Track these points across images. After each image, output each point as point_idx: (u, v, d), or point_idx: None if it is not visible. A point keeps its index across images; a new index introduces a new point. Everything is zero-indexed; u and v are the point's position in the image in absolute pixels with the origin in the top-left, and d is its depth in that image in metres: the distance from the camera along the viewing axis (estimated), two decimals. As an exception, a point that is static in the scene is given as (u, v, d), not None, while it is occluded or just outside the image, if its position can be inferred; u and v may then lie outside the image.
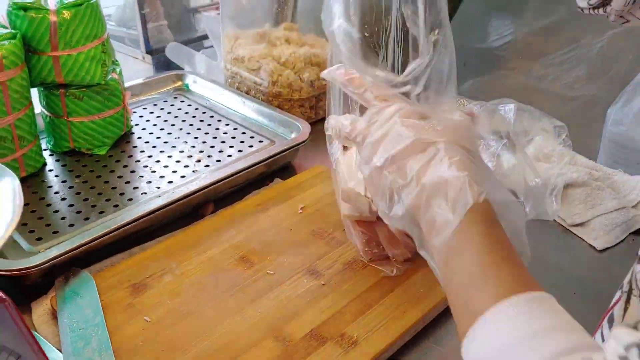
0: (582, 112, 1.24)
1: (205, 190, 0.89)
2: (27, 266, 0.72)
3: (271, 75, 1.12)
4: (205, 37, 1.46)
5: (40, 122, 0.98)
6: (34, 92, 0.93)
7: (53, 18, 0.86)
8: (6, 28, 0.88)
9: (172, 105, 1.16)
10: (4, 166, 0.55)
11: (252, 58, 1.15)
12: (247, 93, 1.17)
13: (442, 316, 0.73)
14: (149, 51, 1.43)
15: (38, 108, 0.96)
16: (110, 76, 0.96)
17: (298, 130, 1.03)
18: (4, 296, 0.54)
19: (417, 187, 0.53)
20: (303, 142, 1.00)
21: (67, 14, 0.87)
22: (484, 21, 1.60)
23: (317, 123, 1.11)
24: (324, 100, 1.18)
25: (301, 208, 0.88)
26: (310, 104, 1.17)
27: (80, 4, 0.88)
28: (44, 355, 0.55)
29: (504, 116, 0.94)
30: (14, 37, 0.84)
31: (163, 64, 1.40)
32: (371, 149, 0.58)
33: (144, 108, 1.14)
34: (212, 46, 1.33)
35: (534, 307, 0.41)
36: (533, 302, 0.42)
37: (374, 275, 0.76)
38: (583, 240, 0.87)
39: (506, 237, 0.49)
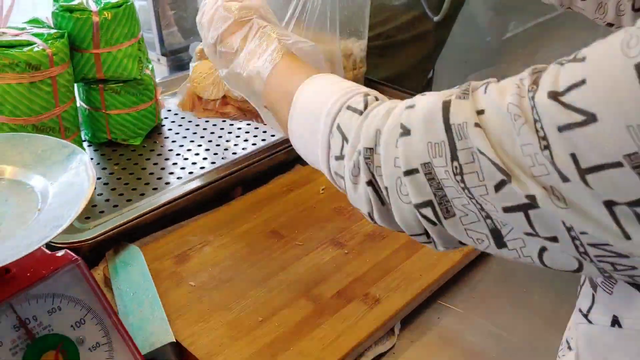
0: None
1: (234, 174, 0.97)
2: (81, 239, 0.80)
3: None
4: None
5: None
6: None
7: (96, 19, 0.95)
8: (51, 28, 0.97)
9: (196, 100, 1.25)
10: (74, 145, 0.63)
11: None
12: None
13: (452, 282, 0.82)
14: (164, 53, 1.51)
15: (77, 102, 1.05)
16: (144, 72, 1.04)
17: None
18: (75, 256, 0.63)
19: (241, 54, 0.66)
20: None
21: (108, 15, 0.95)
22: (486, 19, 1.69)
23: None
24: (337, 95, 1.26)
25: (322, 189, 0.97)
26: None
27: (120, 5, 0.97)
28: (110, 306, 0.63)
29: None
30: (62, 36, 0.93)
31: (176, 65, 1.49)
32: (205, 30, 0.69)
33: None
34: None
35: (333, 76, 0.59)
36: (334, 76, 0.59)
37: (391, 245, 0.84)
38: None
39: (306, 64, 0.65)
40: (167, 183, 0.97)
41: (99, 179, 0.98)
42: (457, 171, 0.41)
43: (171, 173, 1.00)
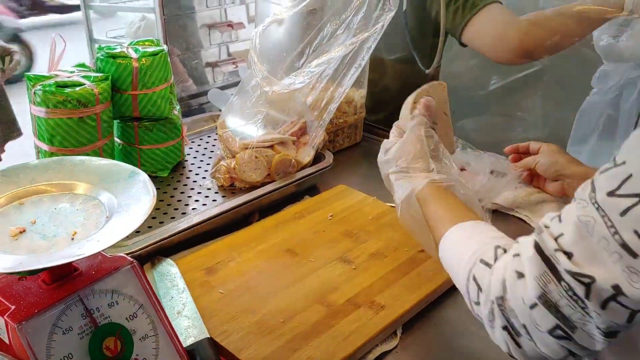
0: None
1: (253, 202, 1.10)
2: (127, 252, 0.92)
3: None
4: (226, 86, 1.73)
5: (113, 150, 1.20)
6: (112, 124, 1.15)
7: (135, 64, 1.09)
8: (95, 71, 1.11)
9: (215, 139, 1.38)
10: (134, 166, 0.76)
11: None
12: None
13: (448, 293, 0.94)
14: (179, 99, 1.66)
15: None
16: (173, 112, 1.18)
17: (322, 158, 1.25)
18: (132, 259, 0.75)
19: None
20: (327, 167, 1.22)
21: (146, 61, 1.10)
22: (470, 74, 1.85)
23: (336, 154, 1.33)
24: (340, 136, 1.41)
25: (330, 215, 1.09)
26: (330, 139, 1.39)
27: (156, 54, 1.11)
28: (159, 304, 0.74)
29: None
30: (106, 78, 1.07)
31: (192, 110, 1.64)
32: (392, 163, 0.87)
33: (193, 141, 1.36)
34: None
35: (473, 225, 0.69)
36: (474, 224, 0.70)
37: (393, 263, 0.97)
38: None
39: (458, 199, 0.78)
40: (194, 209, 1.10)
41: (132, 204, 1.10)
42: (567, 288, 0.51)
43: (196, 201, 1.13)
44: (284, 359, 0.77)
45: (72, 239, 0.66)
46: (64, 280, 0.69)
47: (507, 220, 1.14)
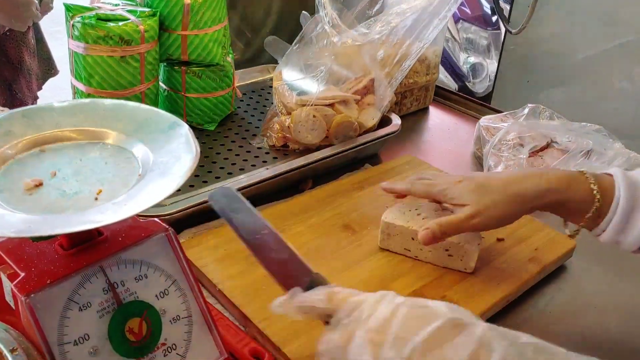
0: None
1: (308, 167, 0.97)
2: (160, 214, 0.81)
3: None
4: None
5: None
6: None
7: (187, 0, 0.96)
8: (142, 6, 0.98)
9: (268, 93, 1.25)
10: (176, 117, 0.63)
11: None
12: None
13: (529, 292, 0.80)
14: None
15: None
16: (225, 59, 1.05)
17: (388, 122, 1.11)
18: (166, 226, 0.63)
19: None
20: (395, 132, 1.08)
21: (199, -2, 0.97)
22: (556, 40, 1.66)
23: (401, 118, 1.18)
24: (408, 98, 1.26)
25: (395, 190, 0.96)
26: (396, 100, 1.24)
27: (211, -10, 0.98)
28: (196, 281, 0.62)
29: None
30: (153, 14, 0.94)
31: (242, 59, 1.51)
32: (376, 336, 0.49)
33: (244, 93, 1.24)
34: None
35: None
36: None
37: (466, 251, 0.83)
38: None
39: None
40: (242, 169, 0.98)
41: (174, 159, 0.99)
42: None
43: (244, 160, 1.00)
44: None
45: (96, 198, 0.54)
46: (85, 245, 0.58)
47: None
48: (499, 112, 1.25)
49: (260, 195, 0.93)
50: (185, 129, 0.61)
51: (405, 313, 0.49)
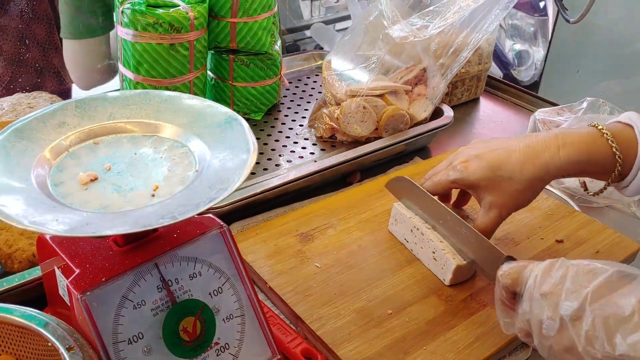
0: None
1: (357, 160, 0.94)
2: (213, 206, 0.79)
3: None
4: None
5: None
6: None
7: (237, -13, 0.93)
8: (191, -7, 0.96)
9: (314, 81, 1.23)
10: (232, 111, 0.61)
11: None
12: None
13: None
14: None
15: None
16: (274, 48, 1.03)
17: (440, 114, 1.07)
18: (222, 223, 0.61)
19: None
20: (447, 124, 1.04)
21: (249, -16, 0.94)
22: (614, 29, 1.58)
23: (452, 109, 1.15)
24: (459, 88, 1.21)
25: (447, 185, 0.92)
26: (446, 91, 1.21)
27: (261, -23, 0.95)
28: (251, 281, 0.61)
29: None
30: (203, 1, 0.92)
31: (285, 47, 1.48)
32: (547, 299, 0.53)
33: (290, 82, 1.21)
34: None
35: None
36: None
37: (528, 252, 0.80)
38: None
39: None
40: (289, 161, 0.96)
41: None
42: None
43: (292, 152, 0.98)
44: (390, 363, 0.63)
45: (153, 195, 0.53)
46: (140, 242, 0.56)
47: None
48: (552, 104, 1.20)
49: (308, 188, 0.91)
50: (242, 123, 0.59)
51: (576, 271, 0.53)
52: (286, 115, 1.09)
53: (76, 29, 1.18)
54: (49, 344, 0.51)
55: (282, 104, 1.13)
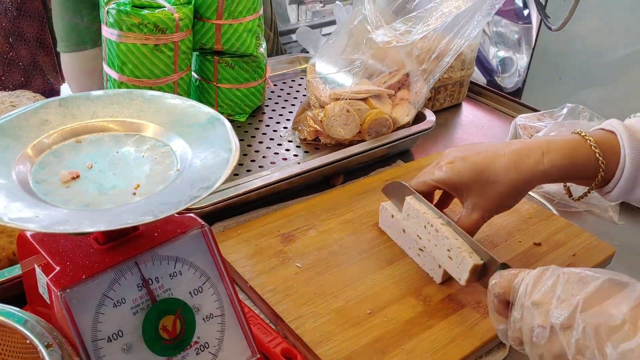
0: None
1: (340, 162, 0.95)
2: (195, 206, 0.79)
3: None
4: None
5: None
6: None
7: (222, -11, 0.94)
8: (177, -5, 0.97)
9: (299, 84, 1.23)
10: (214, 110, 0.62)
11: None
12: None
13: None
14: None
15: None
16: (259, 50, 1.03)
17: (421, 118, 1.08)
18: (203, 222, 0.62)
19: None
20: (429, 128, 1.05)
21: (234, -13, 0.95)
22: (594, 37, 1.61)
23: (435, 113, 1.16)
24: (442, 94, 1.23)
25: (428, 188, 0.93)
26: (429, 96, 1.22)
27: (246, -21, 0.96)
28: (231, 281, 0.61)
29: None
30: (189, 2, 0.93)
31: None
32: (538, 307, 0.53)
33: (275, 84, 1.22)
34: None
35: None
36: None
37: (506, 254, 0.81)
38: None
39: None
40: (273, 163, 0.96)
41: (204, 149, 0.97)
42: None
43: (275, 153, 0.99)
44: (368, 362, 0.64)
45: (134, 193, 0.53)
46: (120, 240, 0.57)
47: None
48: (533, 110, 1.22)
49: (291, 189, 0.92)
50: (225, 123, 0.60)
51: (567, 279, 0.52)
52: (270, 118, 1.10)
53: (74, 40, 1.14)
54: (27, 341, 0.51)
55: (267, 106, 1.14)
